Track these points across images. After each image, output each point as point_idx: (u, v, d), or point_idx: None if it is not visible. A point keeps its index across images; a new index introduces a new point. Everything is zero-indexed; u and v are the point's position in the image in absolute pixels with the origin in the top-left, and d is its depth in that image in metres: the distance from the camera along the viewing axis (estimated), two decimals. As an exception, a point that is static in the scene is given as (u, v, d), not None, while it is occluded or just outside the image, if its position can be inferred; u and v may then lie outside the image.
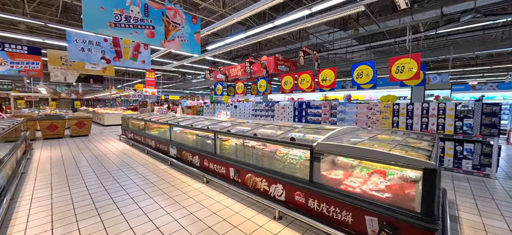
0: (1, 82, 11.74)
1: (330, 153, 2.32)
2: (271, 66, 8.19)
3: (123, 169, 4.76)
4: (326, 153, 2.38)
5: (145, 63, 4.96)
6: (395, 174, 2.27)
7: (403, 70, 5.04)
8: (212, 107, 11.24)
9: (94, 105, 27.13)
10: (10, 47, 5.09)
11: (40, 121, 8.52)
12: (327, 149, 2.29)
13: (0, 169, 3.10)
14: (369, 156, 1.98)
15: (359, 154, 2.04)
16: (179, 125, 4.94)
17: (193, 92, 34.08)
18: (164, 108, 7.91)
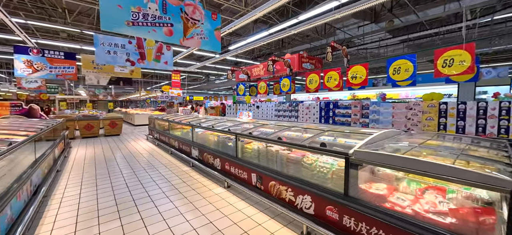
0: (50, 86, 13.15)
1: (373, 164, 1.93)
2: (295, 64, 7.79)
3: (147, 169, 4.82)
4: (366, 163, 2.00)
5: (167, 64, 4.98)
6: (457, 192, 1.80)
7: (452, 64, 4.33)
8: (235, 107, 11.18)
9: (126, 106, 29.22)
10: (49, 53, 5.52)
11: (78, 121, 9.24)
12: (369, 159, 1.91)
13: (35, 168, 3.26)
14: (433, 172, 1.55)
15: (418, 168, 1.61)
16: (201, 126, 4.86)
17: (216, 92, 34.79)
18: (187, 109, 7.99)
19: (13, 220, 2.32)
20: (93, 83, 6.97)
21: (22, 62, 5.29)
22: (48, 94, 15.98)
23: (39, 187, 3.35)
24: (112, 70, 5.93)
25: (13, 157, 2.80)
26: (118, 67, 6.03)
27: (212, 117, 6.17)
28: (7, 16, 4.82)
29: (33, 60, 5.38)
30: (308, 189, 2.41)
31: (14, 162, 2.89)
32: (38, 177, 3.39)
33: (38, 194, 3.15)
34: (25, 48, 5.33)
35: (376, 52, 12.51)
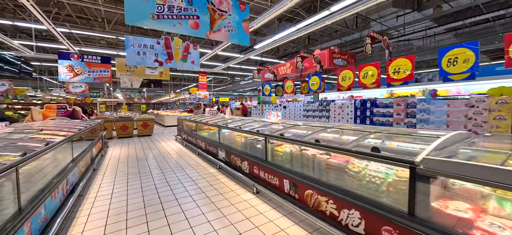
0: (92, 90, 14.48)
1: (459, 178, 1.47)
2: (326, 60, 7.24)
3: (175, 171, 4.79)
4: (445, 175, 1.53)
5: (194, 64, 4.92)
6: None
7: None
8: (260, 108, 10.93)
9: (158, 108, 31.07)
10: (88, 57, 5.89)
11: (115, 122, 9.87)
12: (450, 170, 1.44)
13: (72, 167, 3.37)
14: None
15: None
16: (227, 127, 4.67)
17: (241, 93, 35.09)
18: (214, 110, 7.96)
19: (47, 220, 2.33)
20: (127, 86, 7.32)
21: (65, 67, 5.73)
22: (91, 98, 17.62)
23: (75, 186, 3.46)
24: (143, 72, 6.13)
25: (50, 156, 2.89)
26: (148, 69, 6.21)
27: (238, 118, 5.98)
28: (54, 28, 5.27)
29: (74, 65, 5.79)
30: (356, 202, 2.00)
31: (52, 162, 2.99)
32: (75, 176, 3.50)
33: (74, 193, 3.24)
34: (67, 54, 5.75)
35: (418, 44, 11.18)
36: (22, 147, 2.33)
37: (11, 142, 2.48)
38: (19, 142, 2.57)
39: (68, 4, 7.63)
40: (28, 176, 2.32)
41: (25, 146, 2.39)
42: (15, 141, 2.57)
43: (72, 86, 12.85)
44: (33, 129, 3.60)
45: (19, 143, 2.52)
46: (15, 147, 2.32)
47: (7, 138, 2.64)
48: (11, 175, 1.76)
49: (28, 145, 2.50)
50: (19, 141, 2.60)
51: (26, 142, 2.60)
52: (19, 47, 6.86)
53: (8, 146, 2.32)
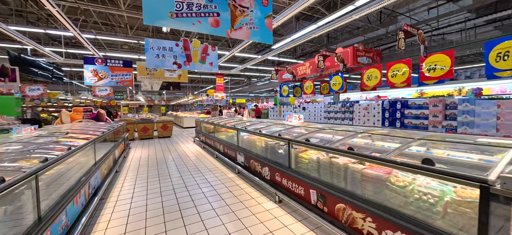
0: (116, 93, 15.22)
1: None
2: (349, 58, 6.81)
3: (194, 174, 4.71)
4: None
5: (212, 65, 4.83)
6: None
7: None
8: (278, 109, 10.66)
9: (176, 110, 32.00)
10: (111, 62, 6.07)
11: (136, 124, 10.19)
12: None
13: (95, 171, 3.39)
14: None
15: None
16: (246, 130, 4.49)
17: (258, 94, 35.00)
18: (231, 112, 7.85)
19: (68, 227, 2.30)
20: (148, 89, 7.47)
21: (90, 71, 5.95)
22: (116, 101, 18.52)
23: (98, 189, 3.48)
24: (163, 75, 6.19)
25: (73, 160, 2.90)
26: (167, 72, 6.26)
27: (257, 120, 5.78)
28: (80, 34, 5.50)
29: (98, 69, 5.99)
30: (403, 224, 1.69)
31: (75, 165, 3.00)
32: (97, 179, 3.53)
33: (96, 196, 3.25)
34: (92, 59, 5.97)
35: (452, 38, 10.21)
36: (45, 152, 2.33)
37: (35, 147, 2.49)
38: (43, 146, 2.59)
39: (94, 11, 8.01)
40: (50, 182, 2.30)
41: (47, 151, 2.39)
42: (39, 145, 2.59)
43: (98, 89, 13.57)
44: (60, 133, 3.69)
45: (42, 148, 2.53)
46: (38, 152, 2.32)
47: (33, 142, 2.68)
48: (30, 183, 1.71)
49: (52, 148, 2.51)
50: (43, 146, 2.62)
51: (49, 147, 2.61)
52: (50, 53, 7.31)
53: (32, 151, 2.32)
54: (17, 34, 5.75)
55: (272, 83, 20.77)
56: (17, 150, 2.32)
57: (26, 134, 3.25)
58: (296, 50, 15.16)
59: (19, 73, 8.26)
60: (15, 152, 2.26)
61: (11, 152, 2.25)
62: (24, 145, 2.54)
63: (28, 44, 6.49)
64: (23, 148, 2.43)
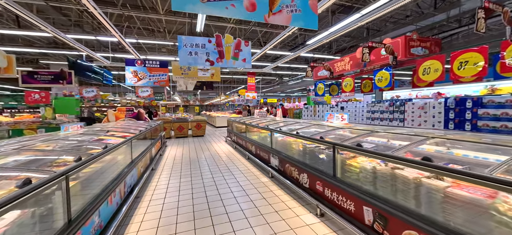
0: (156, 94, 16.39)
1: None
2: (401, 49, 5.89)
3: (225, 175, 4.53)
4: None
5: (246, 62, 4.58)
6: None
7: None
8: (313, 109, 10.00)
9: (210, 109, 33.26)
10: (149, 62, 6.33)
11: (173, 123, 10.66)
12: None
13: (131, 169, 3.42)
14: None
15: None
16: (281, 131, 4.12)
17: (289, 94, 34.19)
18: (263, 111, 7.56)
19: (101, 227, 2.25)
20: (183, 89, 7.66)
21: (130, 72, 6.30)
22: (156, 101, 19.98)
23: (134, 187, 3.52)
24: (196, 74, 6.22)
25: (110, 158, 2.92)
26: (200, 71, 6.28)
27: (292, 120, 5.35)
28: (122, 38, 5.86)
29: (137, 70, 6.31)
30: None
31: (111, 164, 3.03)
32: (133, 178, 3.57)
33: (132, 194, 3.26)
34: (132, 61, 6.31)
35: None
36: (82, 151, 2.33)
37: (74, 145, 2.53)
38: (82, 144, 2.63)
39: (137, 18, 8.58)
40: (85, 181, 2.29)
41: (85, 149, 2.39)
42: (80, 144, 2.63)
43: (141, 90, 14.72)
44: (102, 130, 3.86)
45: (81, 146, 2.56)
46: (76, 150, 2.33)
47: (73, 140, 2.76)
48: (60, 184, 1.64)
49: (90, 147, 2.53)
50: (83, 144, 2.66)
51: (88, 145, 2.64)
52: (100, 58, 8.08)
53: (70, 149, 2.34)
54: (73, 41, 6.41)
55: (304, 82, 19.92)
56: (59, 147, 2.36)
57: (72, 131, 3.44)
58: (331, 46, 14.15)
59: (76, 77, 9.33)
60: (57, 150, 2.30)
61: (52, 150, 2.30)
62: (65, 143, 2.62)
63: (82, 51, 7.23)
64: (64, 145, 2.49)
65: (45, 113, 9.03)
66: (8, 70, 5.02)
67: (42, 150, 2.23)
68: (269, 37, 11.45)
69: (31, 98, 10.60)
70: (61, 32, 6.46)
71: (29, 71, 6.81)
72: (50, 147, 2.36)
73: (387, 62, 6.38)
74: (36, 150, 2.20)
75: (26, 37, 9.24)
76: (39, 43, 10.46)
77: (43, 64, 13.16)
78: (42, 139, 2.72)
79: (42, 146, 2.34)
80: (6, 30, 6.64)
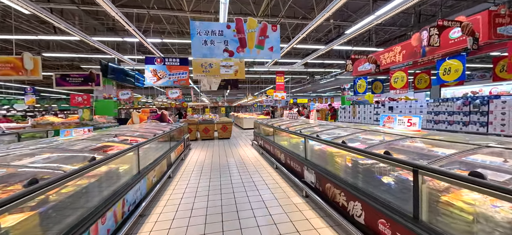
0: (184, 96, 16.62)
1: None
2: (482, 29, 4.40)
3: (247, 188, 3.76)
4: None
5: (273, 51, 3.73)
6: None
7: None
8: (351, 110, 8.64)
9: (237, 110, 33.19)
10: (169, 60, 5.95)
11: (198, 124, 10.37)
12: None
13: (136, 181, 2.87)
14: None
15: None
16: (319, 139, 3.17)
17: (320, 94, 32.20)
18: (294, 112, 6.61)
19: (73, 273, 1.65)
20: (206, 89, 7.18)
21: (150, 71, 6.00)
22: (186, 102, 20.39)
23: (140, 203, 2.97)
24: (218, 72, 5.63)
25: (106, 171, 2.37)
26: (222, 68, 5.66)
27: (332, 124, 4.33)
28: (144, 39, 5.59)
29: (157, 69, 5.98)
30: None
31: (109, 178, 2.49)
32: (140, 192, 3.02)
33: (137, 211, 2.70)
34: (152, 58, 6.00)
35: None
36: (56, 167, 1.78)
37: (54, 159, 2.01)
38: (73, 156, 2.11)
39: (163, 16, 8.43)
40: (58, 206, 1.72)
41: (69, 162, 1.84)
42: (68, 154, 2.12)
43: (170, 92, 14.99)
44: (110, 135, 3.44)
45: (71, 157, 2.03)
46: (53, 165, 1.78)
47: (66, 148, 2.26)
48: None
49: (82, 158, 1.99)
50: (73, 154, 2.14)
51: (79, 154, 2.11)
52: (127, 60, 8.15)
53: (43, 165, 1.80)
54: (99, 44, 6.41)
55: (338, 80, 18.18)
56: (30, 163, 1.85)
57: (76, 136, 3.04)
58: (370, 38, 12.37)
59: (109, 78, 9.65)
60: (24, 166, 1.78)
61: (20, 165, 1.78)
62: (55, 150, 2.13)
63: (110, 53, 7.28)
64: (42, 159, 1.98)
65: (82, 114, 9.52)
66: (34, 72, 5.11)
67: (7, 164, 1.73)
68: (296, 31, 10.41)
69: (75, 100, 11.39)
70: (89, 36, 6.51)
71: (62, 74, 7.06)
72: (22, 161, 1.86)
73: (457, 48, 4.88)
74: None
75: (63, 42, 9.85)
76: (82, 49, 11.18)
77: (86, 69, 14.25)
78: (31, 147, 2.30)
79: (15, 159, 1.85)
80: (45, 36, 6.98)
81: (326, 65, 15.32)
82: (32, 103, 13.64)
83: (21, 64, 5.02)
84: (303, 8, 8.75)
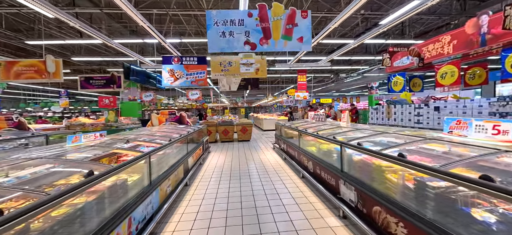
0: (204, 97, 16.63)
1: None
2: None
3: (272, 202, 3.27)
4: None
5: (303, 42, 3.15)
6: None
7: None
8: (385, 110, 7.67)
9: (257, 111, 32.78)
10: (186, 59, 5.68)
11: (218, 126, 10.11)
12: None
13: (146, 194, 2.53)
14: None
15: None
16: (363, 149, 2.56)
17: (343, 93, 30.52)
18: (320, 114, 5.96)
19: None
20: (226, 89, 6.83)
21: (167, 71, 5.78)
22: (206, 104, 20.51)
23: (152, 217, 2.62)
24: (238, 70, 5.22)
25: (111, 183, 2.04)
26: (243, 66, 5.23)
27: (372, 129, 3.66)
28: (164, 40, 5.39)
29: (174, 69, 5.74)
30: None
31: (114, 192, 2.16)
32: (150, 206, 2.67)
33: (149, 226, 2.36)
34: (169, 58, 5.77)
35: None
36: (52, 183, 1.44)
37: (49, 173, 1.70)
38: (82, 163, 1.80)
39: (182, 16, 8.29)
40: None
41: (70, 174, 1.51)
42: (82, 161, 1.81)
43: (191, 93, 15.04)
44: (122, 140, 3.17)
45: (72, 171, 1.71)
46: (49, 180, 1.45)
47: (68, 158, 1.96)
48: None
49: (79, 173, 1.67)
50: (76, 166, 1.83)
51: (83, 166, 1.80)
52: (147, 62, 8.14)
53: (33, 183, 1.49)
54: (120, 46, 6.39)
55: (365, 78, 16.83)
56: (16, 178, 1.55)
57: (85, 142, 2.79)
58: (404, 31, 11.08)
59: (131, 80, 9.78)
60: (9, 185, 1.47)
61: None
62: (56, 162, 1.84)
63: (131, 56, 7.29)
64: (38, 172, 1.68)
65: (108, 116, 9.79)
66: (56, 75, 5.15)
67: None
68: (324, 26, 9.65)
69: (103, 102, 11.84)
70: (111, 39, 6.53)
71: (86, 77, 7.20)
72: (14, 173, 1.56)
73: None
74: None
75: (90, 46, 10.21)
76: (109, 53, 11.59)
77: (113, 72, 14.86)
78: (32, 156, 2.04)
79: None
80: (71, 40, 7.18)
81: (352, 62, 14.22)
82: (65, 105, 14.57)
83: (44, 67, 5.11)
84: (328, 2, 8.04)
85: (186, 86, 5.86)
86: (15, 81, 4.90)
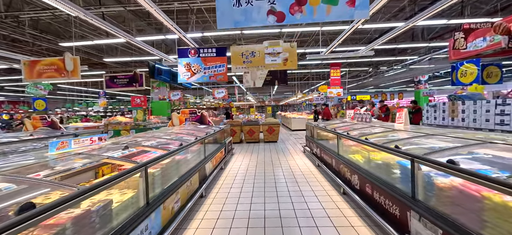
0: (230, 95, 16.29)
1: None
2: None
3: (304, 230, 2.43)
4: None
5: (355, 5, 2.16)
6: None
7: None
8: (448, 108, 6.08)
9: (285, 110, 31.59)
10: (204, 52, 5.11)
11: (243, 126, 9.50)
12: None
13: (140, 217, 1.94)
14: None
15: None
16: (466, 173, 1.57)
17: (381, 89, 27.51)
18: (362, 113, 4.87)
19: None
20: (250, 85, 6.13)
21: (183, 65, 5.29)
22: (233, 102, 20.24)
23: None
24: (263, 61, 4.46)
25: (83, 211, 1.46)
26: (268, 56, 4.45)
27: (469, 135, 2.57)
28: (184, 35, 4.92)
29: (191, 63, 5.23)
30: None
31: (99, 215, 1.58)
32: (147, 233, 2.08)
33: None
34: (185, 50, 5.28)
35: None
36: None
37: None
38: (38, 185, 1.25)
39: (206, 9, 7.85)
40: None
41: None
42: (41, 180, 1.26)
43: (216, 92, 14.80)
44: (121, 144, 2.66)
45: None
46: None
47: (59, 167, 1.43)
48: None
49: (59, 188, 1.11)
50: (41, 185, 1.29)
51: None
52: (170, 60, 7.91)
53: None
54: (142, 44, 6.15)
55: (411, 71, 14.53)
56: None
57: (76, 147, 2.32)
58: (463, 12, 8.88)
59: (161, 81, 9.77)
60: None
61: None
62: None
63: (153, 53, 7.08)
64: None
65: (136, 115, 9.95)
66: (74, 73, 5.05)
67: None
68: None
69: (135, 102, 12.23)
70: (134, 36, 6.34)
71: (110, 76, 7.19)
72: None
73: None
74: None
75: (118, 45, 10.44)
76: (138, 52, 11.89)
77: (135, 70, 15.38)
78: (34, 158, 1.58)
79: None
80: (99, 40, 7.26)
81: (397, 51, 12.29)
82: (103, 105, 15.59)
83: (63, 65, 5.06)
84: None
85: (203, 81, 5.32)
86: (38, 80, 4.98)
